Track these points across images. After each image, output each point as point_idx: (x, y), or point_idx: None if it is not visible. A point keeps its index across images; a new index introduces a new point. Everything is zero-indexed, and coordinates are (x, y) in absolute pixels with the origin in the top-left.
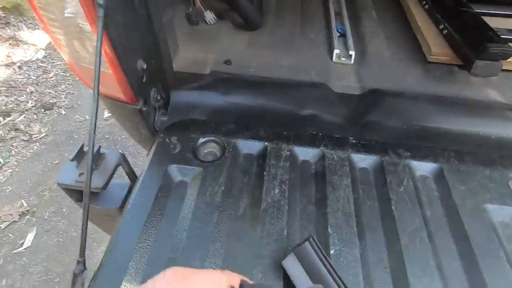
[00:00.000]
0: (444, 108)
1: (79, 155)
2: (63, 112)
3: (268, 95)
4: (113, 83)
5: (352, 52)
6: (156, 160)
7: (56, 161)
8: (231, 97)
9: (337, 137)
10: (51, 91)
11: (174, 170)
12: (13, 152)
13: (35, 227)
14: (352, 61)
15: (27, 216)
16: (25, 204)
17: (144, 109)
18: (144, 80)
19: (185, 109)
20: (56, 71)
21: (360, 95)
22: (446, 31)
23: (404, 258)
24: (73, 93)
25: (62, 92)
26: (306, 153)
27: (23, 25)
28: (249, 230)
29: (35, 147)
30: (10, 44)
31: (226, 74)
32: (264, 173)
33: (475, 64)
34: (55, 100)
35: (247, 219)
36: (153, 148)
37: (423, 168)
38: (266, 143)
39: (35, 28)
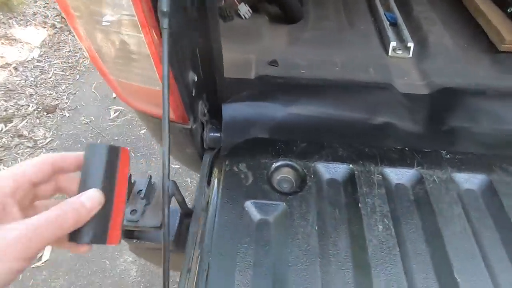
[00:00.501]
0: None
1: (128, 190)
2: (67, 115)
3: (331, 102)
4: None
5: (410, 44)
6: (228, 195)
7: None
8: (292, 107)
9: (427, 151)
10: (51, 92)
11: (252, 207)
12: (19, 160)
13: None
14: (411, 54)
15: None
16: None
17: (193, 126)
18: (193, 94)
19: (241, 125)
20: (55, 70)
21: (430, 95)
22: None
23: None
24: (75, 93)
25: (63, 93)
26: (400, 176)
27: (14, 22)
28: (362, 284)
29: (41, 153)
30: (2, 43)
31: (277, 78)
32: (360, 205)
33: None
34: (57, 102)
35: (357, 269)
36: (221, 179)
37: None
38: (351, 165)
39: (27, 25)
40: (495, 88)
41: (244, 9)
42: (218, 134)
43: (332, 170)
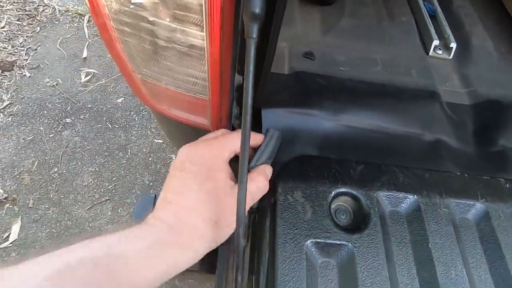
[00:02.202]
0: None
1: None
2: (27, 74)
3: (381, 112)
4: (201, 110)
5: (453, 44)
6: (287, 233)
7: (31, 137)
8: (340, 117)
9: (487, 179)
10: (6, 45)
11: (313, 248)
12: None
13: (20, 217)
14: (451, 56)
15: (7, 205)
16: (0, 191)
17: None
18: (233, 98)
19: (285, 138)
20: (8, 18)
21: (473, 106)
22: None
23: None
24: (35, 49)
25: (21, 47)
26: (464, 209)
27: None
28: None
29: None
30: None
31: (316, 76)
32: (429, 245)
33: None
34: (14, 58)
35: None
36: (275, 211)
37: None
38: (415, 196)
39: None
40: None
41: None
42: None
43: (394, 202)
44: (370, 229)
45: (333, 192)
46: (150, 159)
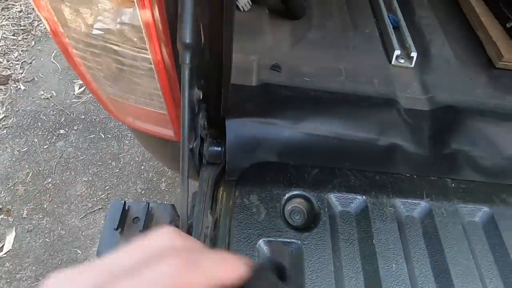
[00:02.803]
0: None
1: (122, 219)
2: (22, 87)
3: (340, 120)
4: (163, 123)
5: (414, 54)
6: (241, 233)
7: (25, 148)
8: (301, 125)
9: (434, 179)
10: (1, 60)
11: (265, 247)
12: None
13: (14, 228)
14: (413, 64)
15: (1, 216)
16: None
17: (194, 145)
18: (196, 111)
19: (247, 146)
20: (4, 34)
21: (431, 112)
22: None
23: None
24: (30, 63)
25: (16, 61)
26: (410, 208)
27: None
28: None
29: None
30: None
31: (282, 88)
32: (374, 241)
33: None
34: (9, 72)
35: None
36: (231, 213)
37: None
38: (363, 197)
39: None
40: (493, 109)
41: (243, 1)
42: (219, 149)
43: (345, 202)
44: (319, 228)
45: (286, 195)
46: (142, 168)
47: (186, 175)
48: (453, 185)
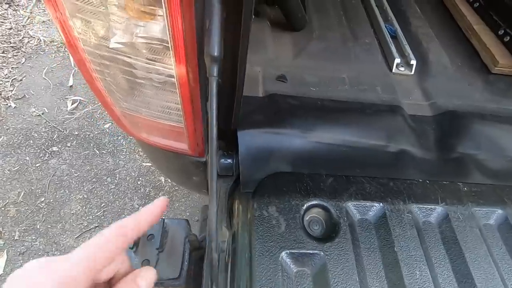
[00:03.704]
0: None
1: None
2: (13, 105)
3: (349, 128)
4: (179, 137)
5: (413, 61)
6: (262, 246)
7: (16, 167)
8: (311, 134)
9: (446, 184)
10: None
11: (288, 259)
12: None
13: (5, 251)
14: (413, 72)
15: None
16: None
17: (207, 158)
18: None
19: (260, 157)
20: None
21: (435, 117)
22: (508, 38)
23: None
24: (21, 80)
25: (6, 78)
26: (426, 213)
27: None
28: None
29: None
30: None
31: (289, 98)
32: (395, 249)
33: None
34: None
35: None
36: (251, 226)
37: None
38: (381, 204)
39: None
40: (493, 112)
41: None
42: (230, 161)
43: (363, 211)
44: (340, 238)
45: (305, 205)
46: (139, 183)
47: (215, 190)
48: (465, 188)
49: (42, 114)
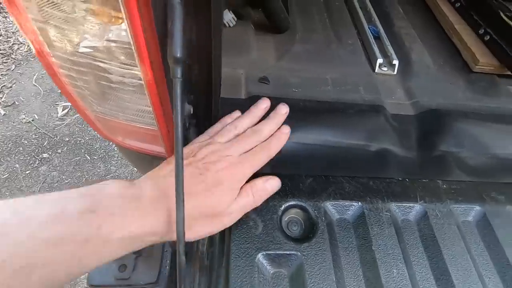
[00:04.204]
0: None
1: None
2: (2, 112)
3: (330, 128)
4: (154, 139)
5: (395, 61)
6: (239, 248)
7: (6, 175)
8: (291, 134)
9: (425, 182)
10: None
11: (264, 260)
12: None
13: None
14: (395, 71)
15: None
16: None
17: None
18: (187, 126)
19: None
20: None
21: (417, 116)
22: (488, 37)
23: None
24: (10, 87)
25: None
26: (405, 211)
27: None
28: None
29: None
30: None
31: (271, 99)
32: (373, 247)
33: None
34: None
35: None
36: (231, 229)
37: None
38: (359, 203)
39: None
40: (474, 110)
41: (228, 17)
42: None
43: (341, 210)
44: (317, 238)
45: (283, 206)
46: None
47: (181, 193)
48: (444, 186)
49: (32, 120)
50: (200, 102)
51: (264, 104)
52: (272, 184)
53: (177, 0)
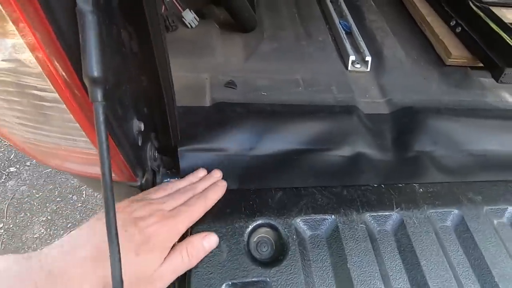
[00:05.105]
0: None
1: None
2: None
3: (299, 134)
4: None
5: (368, 58)
6: (199, 279)
7: None
8: (259, 145)
9: (401, 186)
10: None
11: None
12: None
13: None
14: (369, 68)
15: None
16: None
17: (143, 182)
18: (139, 144)
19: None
20: None
21: (391, 114)
22: (459, 28)
23: None
24: None
25: None
26: (381, 221)
27: None
28: None
29: None
30: None
31: (236, 106)
32: (348, 265)
33: (505, 73)
34: None
35: None
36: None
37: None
38: (333, 216)
39: None
40: (448, 105)
41: (189, 17)
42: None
43: (314, 225)
44: (288, 260)
45: (250, 226)
46: None
47: (115, 234)
48: (421, 190)
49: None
50: (155, 115)
51: (201, 173)
52: (210, 241)
53: (87, 8)
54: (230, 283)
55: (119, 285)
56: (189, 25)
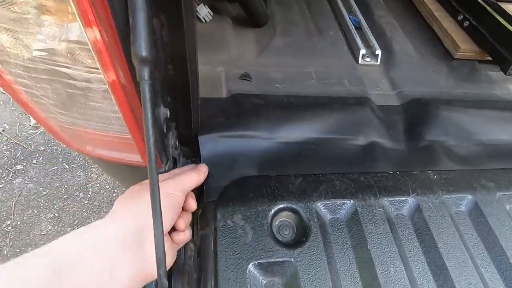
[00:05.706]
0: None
1: None
2: None
3: (315, 123)
4: (128, 148)
5: (378, 51)
6: (228, 260)
7: None
8: (277, 134)
9: (416, 173)
10: None
11: (256, 270)
12: None
13: None
14: (379, 62)
15: None
16: None
17: (166, 168)
18: (165, 131)
19: (224, 162)
20: None
21: (402, 106)
22: (467, 23)
23: None
24: None
25: None
26: (398, 206)
27: None
28: None
29: None
30: None
31: (253, 97)
32: (368, 247)
33: None
34: None
35: None
36: (215, 238)
37: None
38: (352, 201)
39: None
40: (458, 97)
41: (204, 11)
42: None
43: (334, 210)
44: (311, 241)
45: (273, 210)
46: (114, 195)
47: (158, 209)
48: (435, 177)
49: (3, 131)
50: (178, 104)
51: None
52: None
53: None
54: (256, 262)
55: (162, 255)
56: (203, 20)
